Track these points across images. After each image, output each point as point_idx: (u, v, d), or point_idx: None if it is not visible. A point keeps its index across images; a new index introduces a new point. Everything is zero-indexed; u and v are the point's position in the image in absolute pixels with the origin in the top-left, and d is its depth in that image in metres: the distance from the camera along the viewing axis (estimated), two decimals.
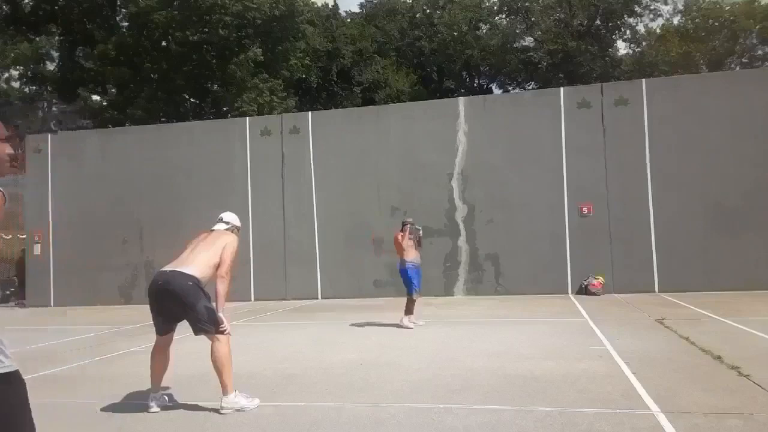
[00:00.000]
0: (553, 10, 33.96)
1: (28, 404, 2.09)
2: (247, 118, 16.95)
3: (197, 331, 4.59)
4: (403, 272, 8.94)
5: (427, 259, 9.50)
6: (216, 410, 4.57)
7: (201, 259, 4.69)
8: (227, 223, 5.17)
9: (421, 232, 9.29)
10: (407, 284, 8.94)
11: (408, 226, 9.04)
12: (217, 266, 4.70)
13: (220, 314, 4.61)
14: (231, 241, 4.88)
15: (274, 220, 14.71)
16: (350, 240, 14.27)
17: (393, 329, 8.81)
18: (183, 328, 4.84)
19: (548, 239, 13.26)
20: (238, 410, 4.54)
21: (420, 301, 9.44)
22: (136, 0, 25.74)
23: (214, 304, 4.63)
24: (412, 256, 8.95)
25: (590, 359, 6.03)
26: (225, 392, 4.56)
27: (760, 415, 4.03)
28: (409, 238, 8.97)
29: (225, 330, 4.61)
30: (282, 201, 14.79)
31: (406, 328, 8.69)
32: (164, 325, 4.73)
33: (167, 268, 4.70)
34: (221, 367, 4.55)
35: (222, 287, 4.67)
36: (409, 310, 8.85)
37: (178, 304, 4.53)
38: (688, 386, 4.84)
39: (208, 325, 4.53)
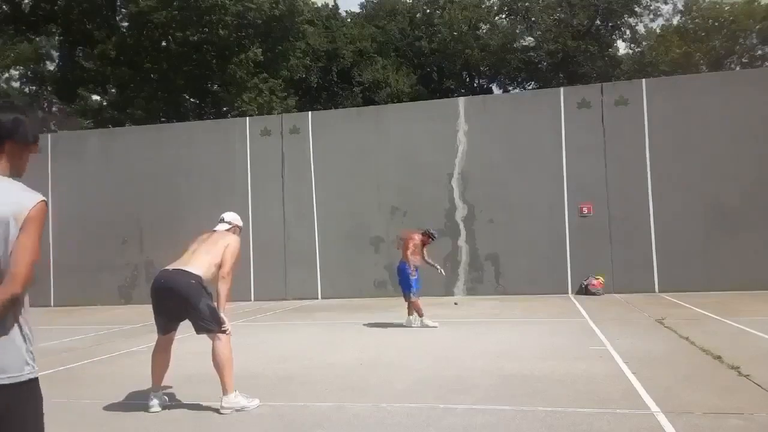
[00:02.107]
0: (553, 10, 33.94)
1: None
2: (247, 118, 16.95)
3: (199, 329, 4.60)
4: (402, 270, 8.90)
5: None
6: (216, 410, 4.58)
7: (204, 259, 4.71)
8: (229, 223, 5.19)
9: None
10: (404, 284, 8.89)
11: (431, 240, 9.13)
12: (219, 266, 4.72)
13: (222, 314, 4.62)
14: (233, 241, 4.89)
15: (274, 220, 14.71)
16: (350, 240, 14.27)
17: (393, 329, 8.81)
18: (184, 328, 4.84)
19: (548, 239, 13.25)
20: (238, 410, 4.54)
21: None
22: (136, 0, 25.73)
23: (215, 304, 4.64)
24: (415, 261, 8.94)
25: (590, 359, 6.03)
26: (225, 392, 4.57)
27: (760, 415, 4.03)
28: (416, 251, 8.99)
29: (227, 330, 4.62)
30: (282, 201, 14.79)
31: (431, 327, 8.66)
32: (166, 325, 4.74)
33: (170, 267, 4.72)
34: (222, 366, 4.56)
35: (224, 287, 4.69)
36: (418, 311, 8.81)
37: (180, 303, 4.55)
38: (688, 386, 4.84)
39: (210, 323, 4.54)
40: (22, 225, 1.87)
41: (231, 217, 5.26)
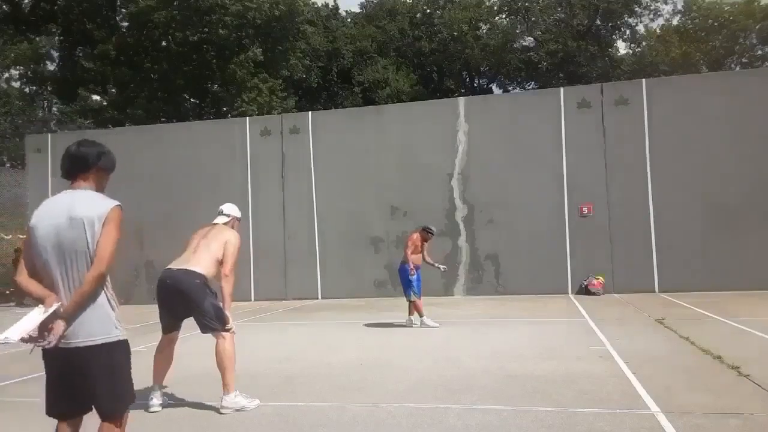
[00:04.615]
0: (553, 10, 33.97)
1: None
2: (247, 118, 16.95)
3: (204, 328, 4.62)
4: (403, 271, 8.87)
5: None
6: (216, 410, 4.58)
7: (205, 256, 4.73)
8: (227, 215, 5.20)
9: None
10: (405, 285, 8.86)
11: (430, 235, 9.05)
12: (221, 262, 4.72)
13: (227, 313, 4.64)
14: (232, 237, 4.89)
15: (274, 220, 14.71)
16: (350, 240, 14.27)
17: (393, 329, 8.81)
18: (186, 328, 4.85)
19: (548, 239, 13.25)
20: (238, 410, 4.55)
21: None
22: (136, 0, 25.74)
23: (220, 303, 4.66)
24: (415, 260, 8.91)
25: (590, 359, 6.03)
26: (226, 391, 4.57)
27: (760, 415, 4.03)
28: (416, 251, 8.93)
29: (231, 328, 4.63)
30: (282, 201, 14.78)
31: (432, 327, 8.66)
32: (170, 323, 4.78)
33: (173, 266, 4.73)
34: (225, 365, 4.57)
35: (228, 286, 4.70)
36: (419, 311, 8.79)
37: (185, 303, 4.58)
38: (688, 386, 4.84)
39: (214, 322, 4.56)
40: (103, 223, 2.59)
41: (230, 209, 5.26)
